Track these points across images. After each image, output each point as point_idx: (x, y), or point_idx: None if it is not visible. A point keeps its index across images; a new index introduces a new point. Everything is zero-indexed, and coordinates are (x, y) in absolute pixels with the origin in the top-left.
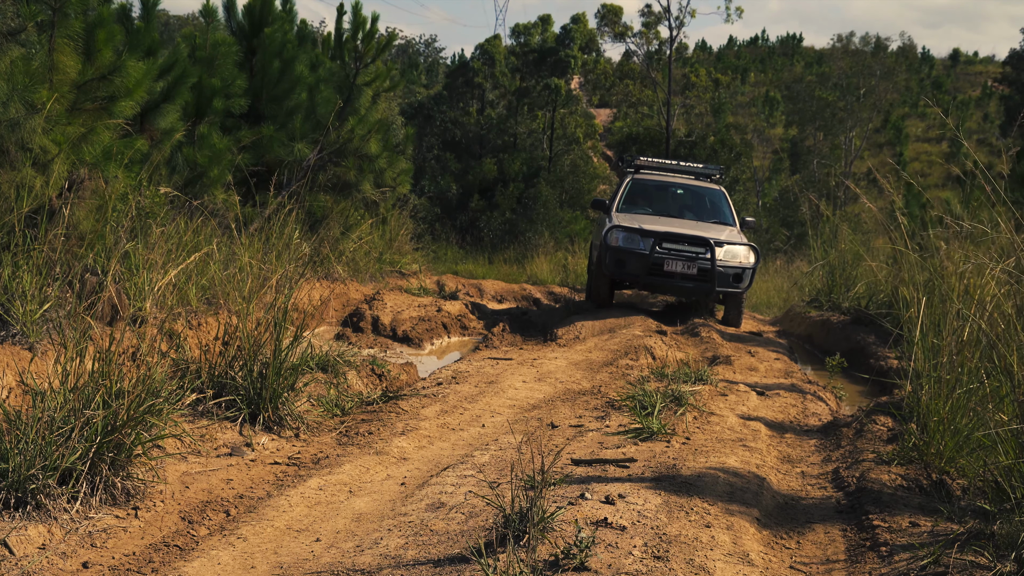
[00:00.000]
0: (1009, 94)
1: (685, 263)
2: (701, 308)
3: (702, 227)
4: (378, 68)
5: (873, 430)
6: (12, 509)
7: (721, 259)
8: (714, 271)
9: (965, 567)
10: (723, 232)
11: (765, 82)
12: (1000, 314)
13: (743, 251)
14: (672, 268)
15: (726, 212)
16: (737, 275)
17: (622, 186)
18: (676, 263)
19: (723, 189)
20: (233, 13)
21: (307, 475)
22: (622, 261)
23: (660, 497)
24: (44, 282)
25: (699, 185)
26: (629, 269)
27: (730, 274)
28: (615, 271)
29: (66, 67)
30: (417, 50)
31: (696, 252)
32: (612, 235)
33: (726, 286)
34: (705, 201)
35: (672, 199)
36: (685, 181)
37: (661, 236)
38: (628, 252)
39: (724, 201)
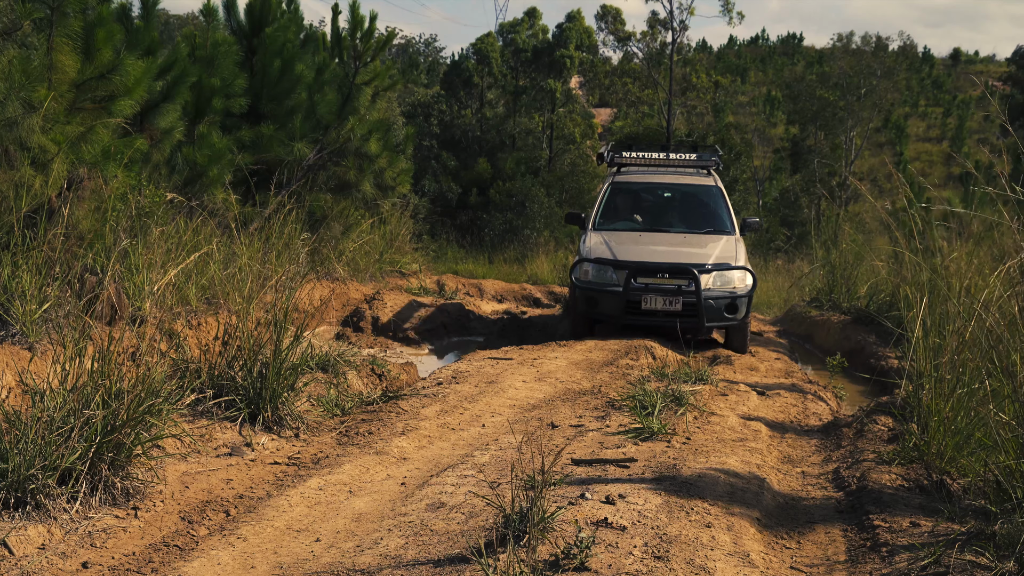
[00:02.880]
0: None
1: (666, 298)
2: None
3: (689, 246)
4: (377, 67)
5: (874, 430)
6: (12, 509)
7: (709, 288)
8: (700, 306)
9: (966, 567)
10: (715, 248)
11: (765, 82)
12: (1002, 314)
13: (737, 276)
14: (652, 305)
15: (723, 216)
16: (730, 305)
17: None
18: (656, 299)
19: (719, 184)
20: (233, 12)
21: (307, 475)
22: (594, 300)
23: (660, 497)
24: (43, 282)
25: (691, 184)
26: (603, 309)
27: (722, 305)
28: (587, 311)
29: (65, 66)
30: (417, 50)
31: (678, 284)
32: (581, 270)
33: (718, 320)
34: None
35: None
36: (675, 180)
37: (636, 268)
38: (600, 290)
39: (720, 201)
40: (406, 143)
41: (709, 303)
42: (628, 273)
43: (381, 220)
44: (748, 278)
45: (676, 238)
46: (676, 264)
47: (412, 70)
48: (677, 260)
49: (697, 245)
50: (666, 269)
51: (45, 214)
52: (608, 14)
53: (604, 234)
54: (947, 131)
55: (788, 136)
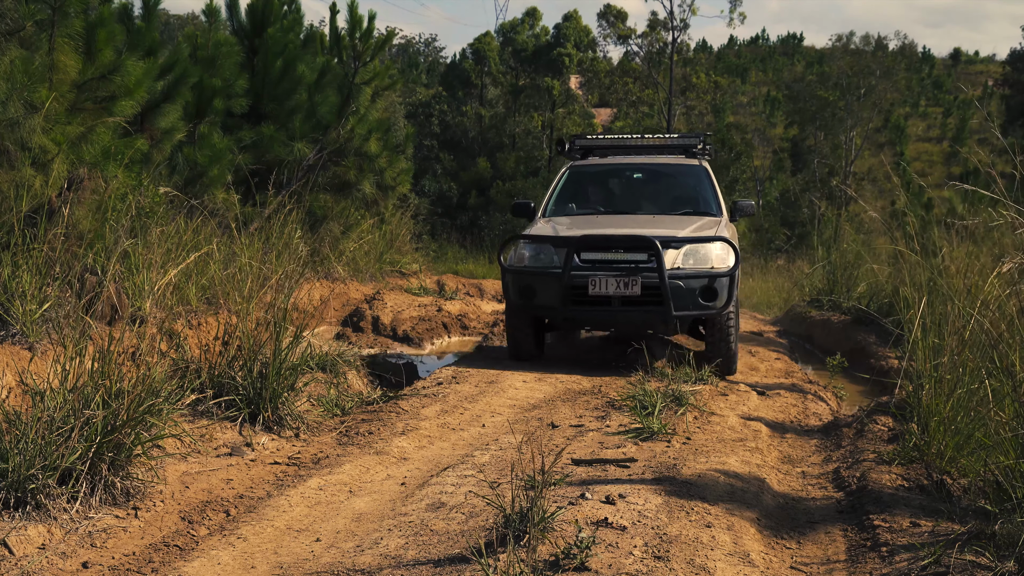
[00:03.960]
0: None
1: (620, 279)
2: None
3: (657, 223)
4: (376, 67)
5: (874, 430)
6: (12, 509)
7: (678, 266)
8: (664, 286)
9: (966, 567)
10: (691, 225)
11: (766, 82)
12: (1001, 314)
13: (716, 250)
14: (601, 289)
15: (708, 198)
16: (707, 288)
17: (556, 179)
18: (606, 281)
19: (706, 165)
20: (235, 13)
21: (307, 475)
22: (530, 289)
23: (661, 497)
24: (44, 282)
25: (669, 164)
26: (541, 299)
27: (695, 287)
28: (524, 303)
29: (66, 66)
30: (417, 50)
31: (636, 261)
32: (515, 253)
33: (691, 307)
34: (677, 185)
35: (627, 188)
36: (648, 160)
37: (578, 242)
38: (537, 274)
39: (706, 182)
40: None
41: (677, 285)
42: (570, 250)
43: (381, 220)
44: (730, 254)
45: (643, 219)
46: (632, 235)
47: (412, 70)
48: (633, 230)
49: (668, 223)
50: (619, 242)
51: (45, 214)
52: (610, 12)
53: (554, 220)
54: (947, 131)
55: (788, 136)
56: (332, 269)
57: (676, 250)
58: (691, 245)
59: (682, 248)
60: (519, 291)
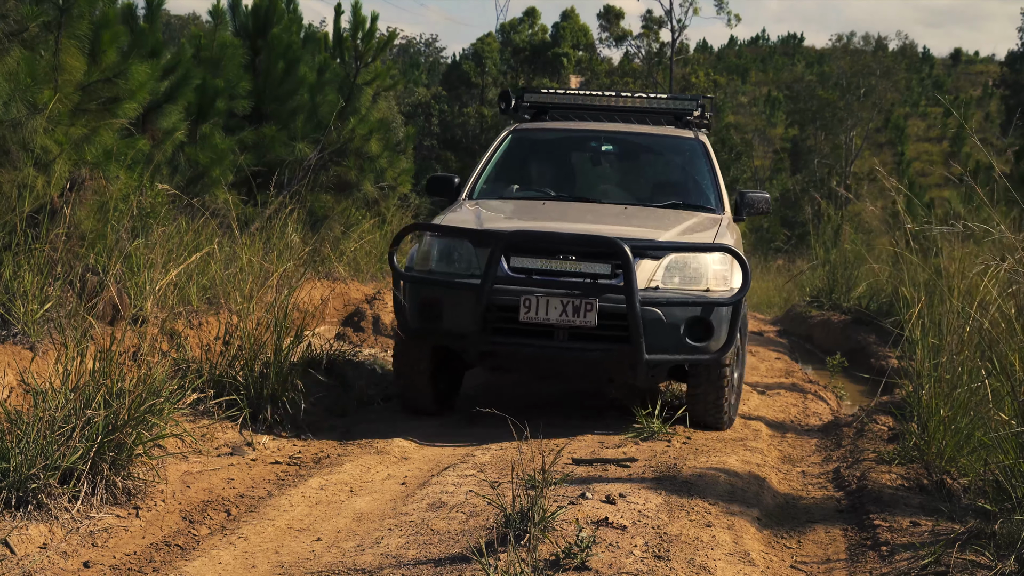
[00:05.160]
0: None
1: (570, 300)
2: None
3: (630, 219)
4: (378, 67)
5: (874, 430)
6: (13, 508)
7: (657, 286)
8: (635, 316)
9: (966, 567)
10: (679, 224)
11: (766, 82)
12: (1001, 314)
13: (714, 263)
14: (539, 313)
15: (706, 185)
16: (698, 322)
17: (492, 148)
18: (547, 302)
19: (703, 139)
20: (238, 14)
21: (308, 474)
22: (433, 306)
23: (661, 497)
24: (45, 282)
25: (653, 135)
26: (449, 323)
27: (681, 320)
28: (423, 328)
29: (72, 68)
30: (418, 50)
31: (594, 274)
32: (420, 250)
33: (672, 348)
34: (662, 165)
35: (592, 166)
36: (624, 129)
37: (510, 240)
38: (444, 285)
39: (703, 163)
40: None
41: (654, 315)
42: (495, 250)
43: (382, 220)
44: (735, 271)
45: (610, 211)
46: (591, 236)
47: (413, 70)
48: (595, 230)
49: (646, 219)
50: (571, 245)
51: (47, 214)
52: (610, 12)
53: (483, 204)
54: (947, 131)
55: (788, 136)
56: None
57: (655, 261)
58: (678, 255)
59: (664, 259)
60: (418, 309)
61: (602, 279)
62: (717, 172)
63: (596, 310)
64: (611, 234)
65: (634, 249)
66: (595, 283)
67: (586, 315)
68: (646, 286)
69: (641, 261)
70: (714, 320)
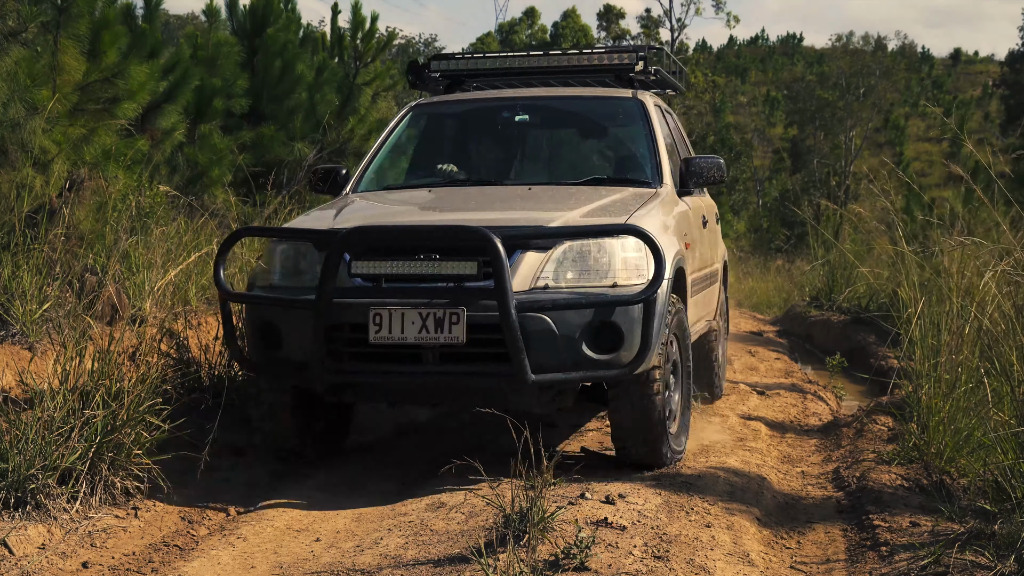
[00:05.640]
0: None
1: (430, 312)
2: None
3: (526, 203)
4: (377, 68)
5: (873, 430)
6: (12, 509)
7: (546, 284)
8: (510, 325)
9: (966, 567)
10: (587, 204)
11: (765, 82)
12: (1000, 313)
13: (622, 250)
14: (392, 332)
15: (641, 154)
16: (602, 327)
17: (387, 130)
18: (402, 316)
19: (646, 99)
20: (235, 13)
21: (307, 475)
22: (270, 331)
23: (660, 497)
24: (44, 282)
25: (580, 99)
26: (290, 351)
27: (577, 326)
28: (263, 358)
29: (70, 68)
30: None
31: (459, 276)
32: (264, 260)
33: (568, 364)
34: (589, 134)
35: (506, 141)
36: (545, 94)
37: (348, 241)
38: (280, 304)
39: (640, 127)
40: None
41: (540, 322)
42: (332, 254)
43: None
44: (647, 258)
45: (510, 193)
46: (446, 227)
47: None
48: (460, 220)
49: (547, 200)
50: (427, 240)
51: (46, 214)
52: (611, 12)
53: (368, 198)
54: (947, 131)
55: (788, 136)
56: None
57: (541, 253)
58: (573, 243)
59: (555, 249)
60: (254, 335)
61: (469, 281)
62: (658, 137)
63: (463, 322)
64: (486, 222)
65: (510, 239)
66: (461, 287)
67: (451, 329)
68: (532, 286)
69: (524, 254)
70: (623, 323)
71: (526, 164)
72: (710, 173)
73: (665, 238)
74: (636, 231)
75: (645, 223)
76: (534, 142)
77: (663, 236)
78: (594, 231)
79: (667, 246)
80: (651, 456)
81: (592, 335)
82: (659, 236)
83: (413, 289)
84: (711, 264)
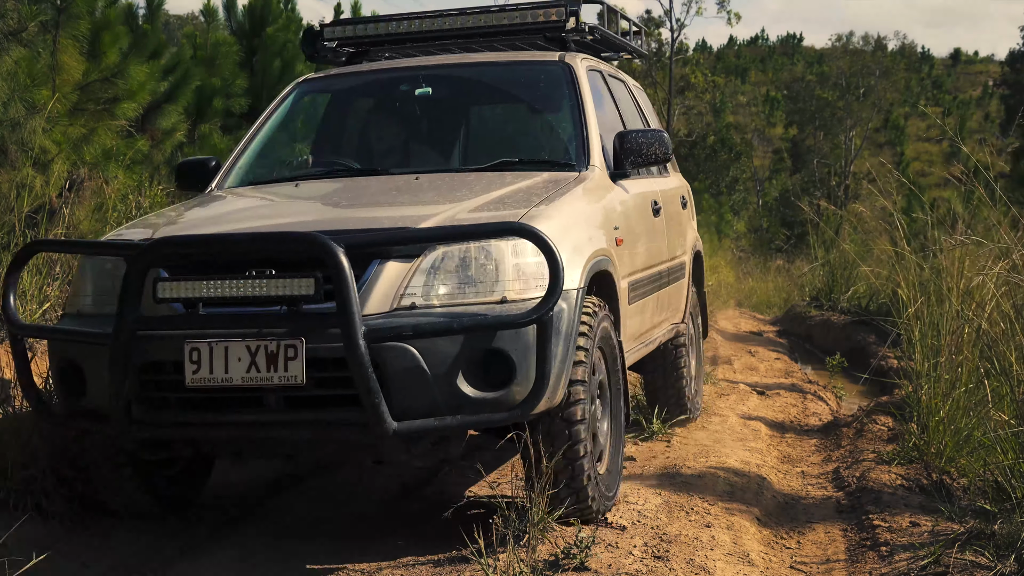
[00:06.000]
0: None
1: (259, 344)
2: None
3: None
4: None
5: (873, 430)
6: (12, 509)
7: (412, 303)
8: (358, 358)
9: (966, 567)
10: (479, 197)
11: (765, 82)
12: (1000, 313)
13: (518, 255)
14: (214, 372)
15: (564, 130)
16: (486, 356)
17: (266, 113)
18: (226, 350)
19: (575, 63)
20: (233, 13)
21: (305, 476)
22: (73, 371)
23: (660, 497)
24: (44, 282)
25: (494, 64)
26: (93, 397)
27: (450, 359)
28: (65, 405)
29: (70, 68)
30: None
31: (294, 297)
32: (73, 281)
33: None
34: (503, 107)
35: (400, 120)
36: (453, 62)
37: (154, 254)
38: (81, 338)
39: (564, 97)
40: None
41: (404, 354)
42: (131, 273)
43: None
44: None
45: (391, 184)
46: (278, 235)
47: None
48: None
49: (430, 194)
50: (248, 250)
51: (46, 214)
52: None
53: (227, 194)
54: (947, 131)
55: (788, 136)
56: None
57: (407, 263)
58: (449, 248)
59: (424, 257)
60: (55, 377)
61: (308, 303)
62: (586, 109)
63: (302, 356)
64: (339, 224)
65: (359, 246)
66: (296, 311)
67: (287, 367)
68: (395, 305)
69: (384, 265)
70: (512, 350)
71: (425, 148)
72: (650, 150)
73: (576, 235)
74: (521, 230)
75: (549, 217)
76: (438, 120)
77: (574, 233)
78: (468, 232)
79: (576, 246)
80: (574, 507)
81: (472, 368)
82: (564, 234)
83: (238, 316)
84: (670, 258)
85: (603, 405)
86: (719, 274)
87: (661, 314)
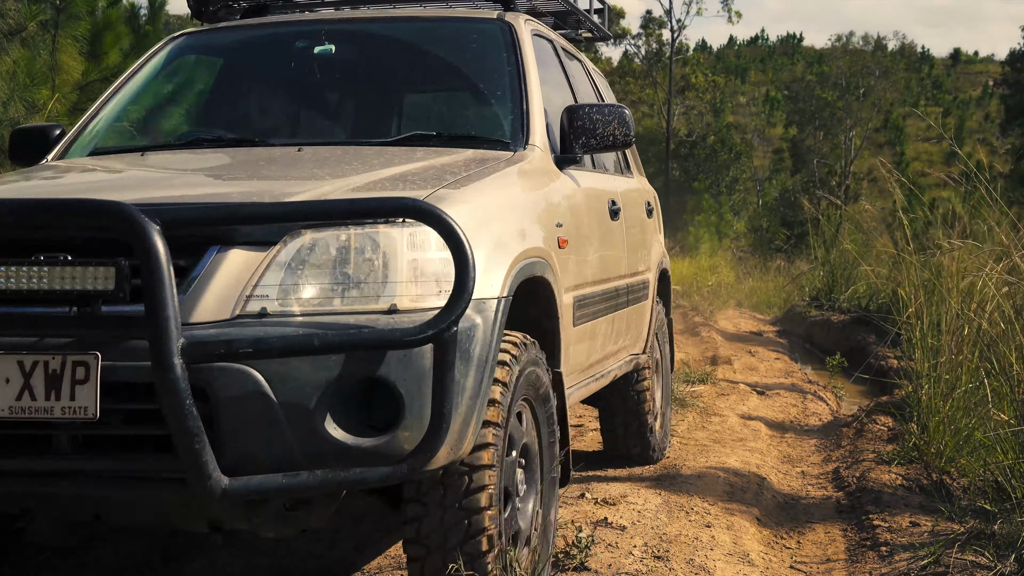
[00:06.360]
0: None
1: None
2: None
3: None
4: None
5: (873, 430)
6: None
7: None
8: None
9: (966, 567)
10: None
11: (765, 82)
12: (1000, 313)
13: (415, 248)
14: None
15: (496, 99)
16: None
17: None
18: None
19: (517, 22)
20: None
21: None
22: None
23: (660, 497)
24: None
25: (415, 21)
26: None
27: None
28: None
29: (69, 68)
30: None
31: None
32: None
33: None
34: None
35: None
36: (366, 16)
37: None
38: None
39: (500, 62)
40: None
41: (244, 380)
42: None
43: None
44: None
45: (258, 157)
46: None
47: None
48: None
49: (312, 168)
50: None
51: None
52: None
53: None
54: (946, 131)
55: (788, 136)
56: None
57: (260, 251)
58: (320, 235)
59: (285, 244)
60: None
61: (108, 302)
62: (528, 77)
63: (95, 379)
64: (174, 200)
65: (187, 222)
66: (91, 314)
67: (75, 393)
68: (238, 311)
69: (226, 253)
70: (402, 380)
71: (319, 117)
72: (607, 130)
73: (502, 228)
74: (415, 208)
75: (463, 200)
76: (340, 86)
77: (499, 224)
78: (340, 210)
79: (500, 241)
80: None
81: (343, 403)
82: (483, 224)
83: (8, 317)
84: (631, 274)
85: (527, 475)
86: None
87: (617, 341)
